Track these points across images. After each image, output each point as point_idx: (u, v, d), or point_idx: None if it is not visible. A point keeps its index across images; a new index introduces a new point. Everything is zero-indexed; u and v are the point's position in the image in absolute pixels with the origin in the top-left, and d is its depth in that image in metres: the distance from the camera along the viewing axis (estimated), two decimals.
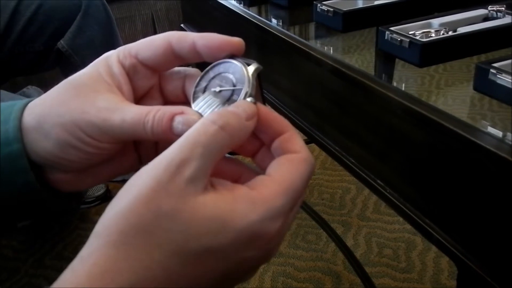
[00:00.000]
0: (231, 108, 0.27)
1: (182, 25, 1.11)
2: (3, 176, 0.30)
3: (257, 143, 0.30)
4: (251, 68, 0.29)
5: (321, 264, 1.09)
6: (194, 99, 0.30)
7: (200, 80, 0.30)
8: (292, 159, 0.27)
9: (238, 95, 0.28)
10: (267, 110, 0.29)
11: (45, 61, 1.18)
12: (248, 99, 0.28)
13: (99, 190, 1.33)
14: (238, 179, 0.30)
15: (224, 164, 0.29)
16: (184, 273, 0.24)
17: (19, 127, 0.30)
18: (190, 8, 1.06)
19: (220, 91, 0.29)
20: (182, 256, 0.24)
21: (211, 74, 0.30)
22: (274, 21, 0.72)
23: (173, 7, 2.15)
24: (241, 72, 0.29)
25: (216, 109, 0.29)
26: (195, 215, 0.24)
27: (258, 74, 0.29)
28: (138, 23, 2.10)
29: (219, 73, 0.30)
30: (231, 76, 0.29)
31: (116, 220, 0.24)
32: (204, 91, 0.30)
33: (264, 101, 0.32)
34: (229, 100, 0.29)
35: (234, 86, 0.29)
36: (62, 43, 1.13)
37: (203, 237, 0.24)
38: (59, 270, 0.24)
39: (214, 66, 0.30)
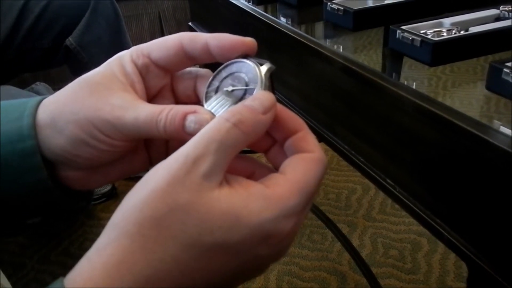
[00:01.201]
0: (247, 102, 0.27)
1: (190, 23, 1.11)
2: (16, 173, 0.31)
3: (270, 140, 0.30)
4: (264, 68, 0.29)
5: (326, 264, 1.09)
6: (207, 98, 0.30)
7: (212, 79, 0.31)
8: (306, 159, 0.27)
9: (251, 95, 0.28)
10: (281, 108, 0.29)
11: (53, 58, 1.18)
12: None
13: (105, 187, 1.34)
14: (251, 175, 0.30)
15: (238, 160, 0.29)
16: (198, 267, 0.24)
17: (33, 124, 0.30)
18: (198, 6, 1.06)
19: (233, 90, 0.29)
20: (195, 249, 0.24)
21: (224, 73, 0.30)
22: (283, 19, 0.72)
23: (180, 6, 2.15)
24: (254, 71, 0.29)
25: (228, 108, 0.29)
26: (209, 210, 0.24)
27: (270, 74, 0.29)
28: (145, 22, 2.11)
29: (232, 73, 0.30)
30: (244, 76, 0.29)
31: (132, 212, 0.24)
32: (216, 90, 0.30)
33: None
34: (241, 99, 0.29)
35: (247, 85, 0.29)
36: (70, 40, 1.14)
37: (217, 232, 0.24)
38: (65, 266, 0.24)
39: (226, 66, 0.30)
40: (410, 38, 0.49)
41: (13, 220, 0.35)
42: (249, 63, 0.29)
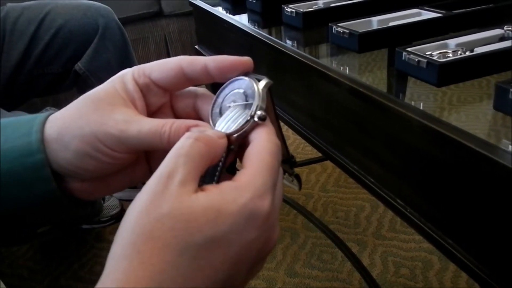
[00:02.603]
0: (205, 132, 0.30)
1: (196, 46, 1.13)
2: (27, 184, 0.33)
3: None
4: (262, 83, 0.31)
5: (337, 285, 1.08)
6: (212, 115, 0.33)
7: (217, 97, 0.33)
8: (255, 145, 0.30)
9: (249, 109, 0.31)
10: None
11: (63, 83, 1.20)
12: (258, 112, 0.30)
13: (114, 209, 1.34)
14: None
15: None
16: (197, 267, 0.25)
17: (42, 139, 0.32)
18: (204, 30, 1.08)
19: (234, 106, 0.32)
20: (190, 251, 0.25)
21: (227, 91, 0.33)
22: (289, 42, 0.73)
23: (185, 29, 2.18)
24: (253, 87, 0.31)
25: (231, 123, 0.31)
26: (192, 210, 0.26)
27: (268, 89, 0.32)
28: (151, 45, 2.14)
29: (233, 90, 0.32)
30: (243, 92, 0.32)
31: (125, 237, 0.26)
32: (220, 107, 0.33)
33: (277, 115, 0.34)
34: (242, 114, 0.31)
35: (246, 101, 0.31)
36: (79, 65, 1.16)
37: (204, 227, 0.25)
38: None
39: (229, 84, 0.33)
40: (416, 60, 0.50)
41: (24, 229, 0.37)
42: (247, 80, 0.32)
